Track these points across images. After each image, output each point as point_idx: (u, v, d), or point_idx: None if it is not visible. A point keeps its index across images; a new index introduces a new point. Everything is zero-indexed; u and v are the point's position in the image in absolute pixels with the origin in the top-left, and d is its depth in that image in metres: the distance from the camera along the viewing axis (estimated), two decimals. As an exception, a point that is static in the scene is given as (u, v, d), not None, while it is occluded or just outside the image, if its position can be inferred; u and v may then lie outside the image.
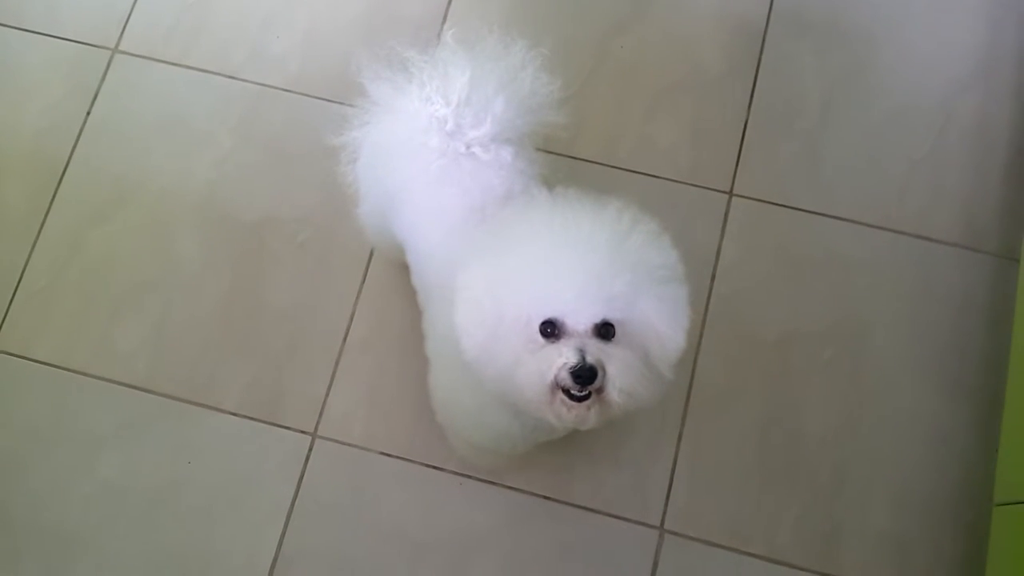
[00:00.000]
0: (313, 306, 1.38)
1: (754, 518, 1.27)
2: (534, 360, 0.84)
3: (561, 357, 0.83)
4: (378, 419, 1.32)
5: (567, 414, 0.86)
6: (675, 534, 1.26)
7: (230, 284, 1.39)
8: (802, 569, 1.25)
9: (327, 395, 1.33)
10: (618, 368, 0.83)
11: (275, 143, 1.47)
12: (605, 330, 0.84)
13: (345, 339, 1.36)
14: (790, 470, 1.30)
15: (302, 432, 1.31)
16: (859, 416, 1.32)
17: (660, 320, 0.85)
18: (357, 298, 1.38)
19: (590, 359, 0.82)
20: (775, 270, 1.39)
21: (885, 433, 1.31)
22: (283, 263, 1.40)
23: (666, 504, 1.28)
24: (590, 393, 0.85)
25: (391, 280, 1.37)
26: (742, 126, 1.46)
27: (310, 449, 1.31)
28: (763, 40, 1.51)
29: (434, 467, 1.30)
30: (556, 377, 0.83)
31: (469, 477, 1.29)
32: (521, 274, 0.85)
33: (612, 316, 0.84)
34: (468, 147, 1.01)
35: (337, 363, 1.35)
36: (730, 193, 1.43)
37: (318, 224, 1.41)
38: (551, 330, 0.84)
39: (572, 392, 0.85)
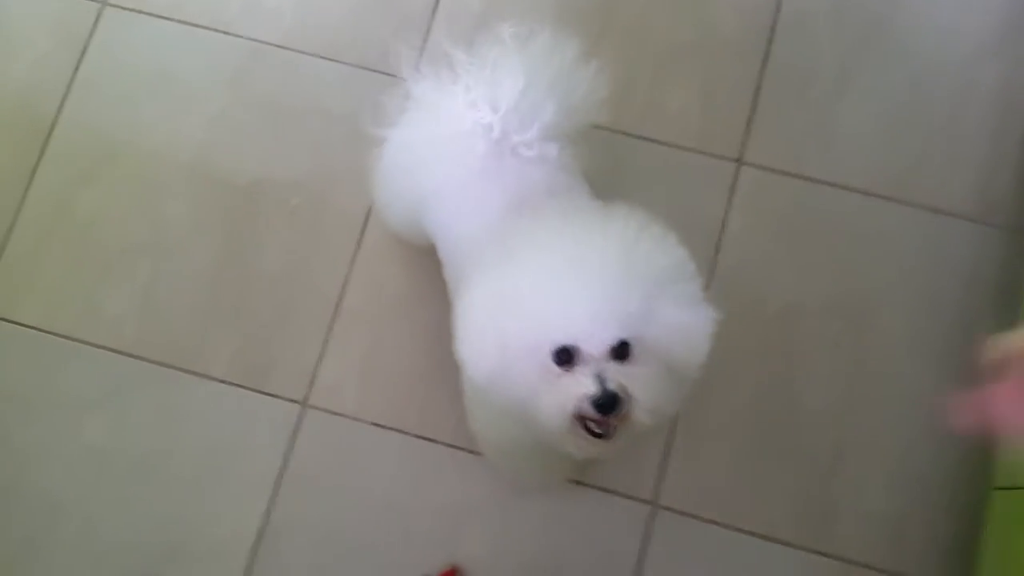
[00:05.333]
0: (305, 272, 1.35)
1: (749, 494, 1.26)
2: (552, 392, 0.80)
3: (580, 387, 0.79)
4: (370, 389, 1.30)
5: (591, 449, 0.84)
6: (668, 509, 1.25)
7: (220, 248, 1.37)
8: (796, 547, 1.24)
9: (318, 364, 1.31)
10: (641, 388, 0.80)
11: (269, 102, 1.43)
12: (622, 349, 0.80)
13: (338, 307, 1.34)
14: (787, 446, 1.28)
15: (292, 401, 1.30)
16: (860, 393, 1.30)
17: (680, 323, 0.81)
18: (351, 265, 1.35)
19: (611, 386, 0.79)
20: (781, 241, 1.36)
21: (885, 411, 1.29)
22: (275, 227, 1.37)
23: (660, 479, 1.26)
24: (613, 426, 0.82)
25: (386, 248, 1.34)
26: (754, 91, 1.42)
27: (300, 418, 1.29)
28: (778, 1, 1.44)
29: (426, 438, 1.28)
30: (578, 408, 0.80)
31: (461, 449, 1.27)
32: (530, 298, 0.80)
33: (628, 335, 0.80)
34: (513, 149, 0.99)
35: (329, 331, 1.33)
36: (739, 161, 1.39)
37: (312, 188, 1.38)
38: (566, 357, 0.80)
39: (594, 429, 0.82)
